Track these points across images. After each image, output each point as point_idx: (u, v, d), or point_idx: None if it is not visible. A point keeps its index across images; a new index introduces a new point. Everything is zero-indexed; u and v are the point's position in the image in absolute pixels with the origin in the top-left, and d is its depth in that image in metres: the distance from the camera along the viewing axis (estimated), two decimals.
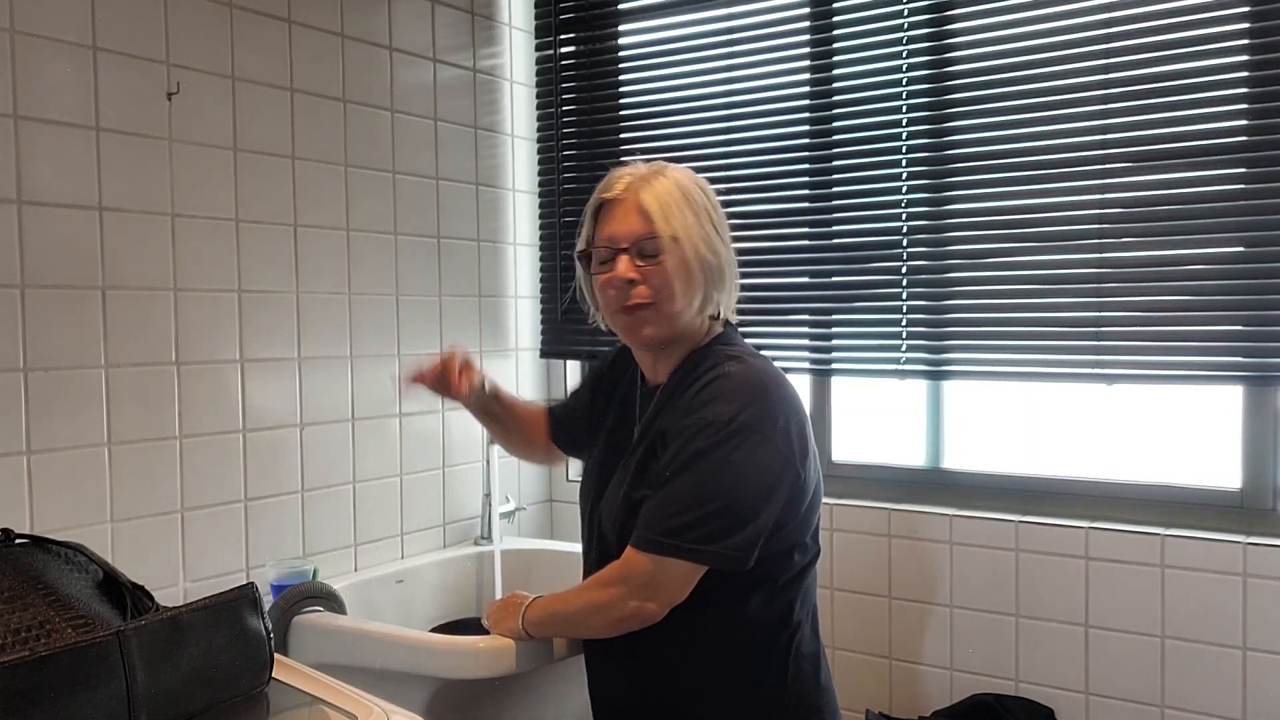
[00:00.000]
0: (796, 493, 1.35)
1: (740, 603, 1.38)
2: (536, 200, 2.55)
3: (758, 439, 1.30)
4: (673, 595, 1.33)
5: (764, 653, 1.40)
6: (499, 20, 2.47)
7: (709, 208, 1.40)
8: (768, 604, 1.39)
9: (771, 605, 1.39)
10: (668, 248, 1.35)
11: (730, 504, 1.29)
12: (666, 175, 1.40)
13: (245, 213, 1.92)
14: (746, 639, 1.40)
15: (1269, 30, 1.73)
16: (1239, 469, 1.84)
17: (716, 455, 1.30)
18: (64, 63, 1.65)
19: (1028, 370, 1.95)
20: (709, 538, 1.29)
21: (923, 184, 2.03)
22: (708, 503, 1.29)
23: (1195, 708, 1.79)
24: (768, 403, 1.32)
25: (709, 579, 1.35)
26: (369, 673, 1.64)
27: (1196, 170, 1.78)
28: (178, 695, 0.98)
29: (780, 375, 1.39)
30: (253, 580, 1.54)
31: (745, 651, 1.40)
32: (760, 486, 1.31)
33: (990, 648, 1.96)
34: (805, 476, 1.36)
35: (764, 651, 1.40)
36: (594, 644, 1.51)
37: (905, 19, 2.04)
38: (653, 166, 1.42)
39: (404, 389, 1.78)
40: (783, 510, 1.34)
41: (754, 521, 1.30)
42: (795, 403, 1.37)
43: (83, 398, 1.68)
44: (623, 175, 1.41)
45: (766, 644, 1.40)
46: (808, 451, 1.37)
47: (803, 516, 1.38)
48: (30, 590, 0.98)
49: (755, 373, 1.36)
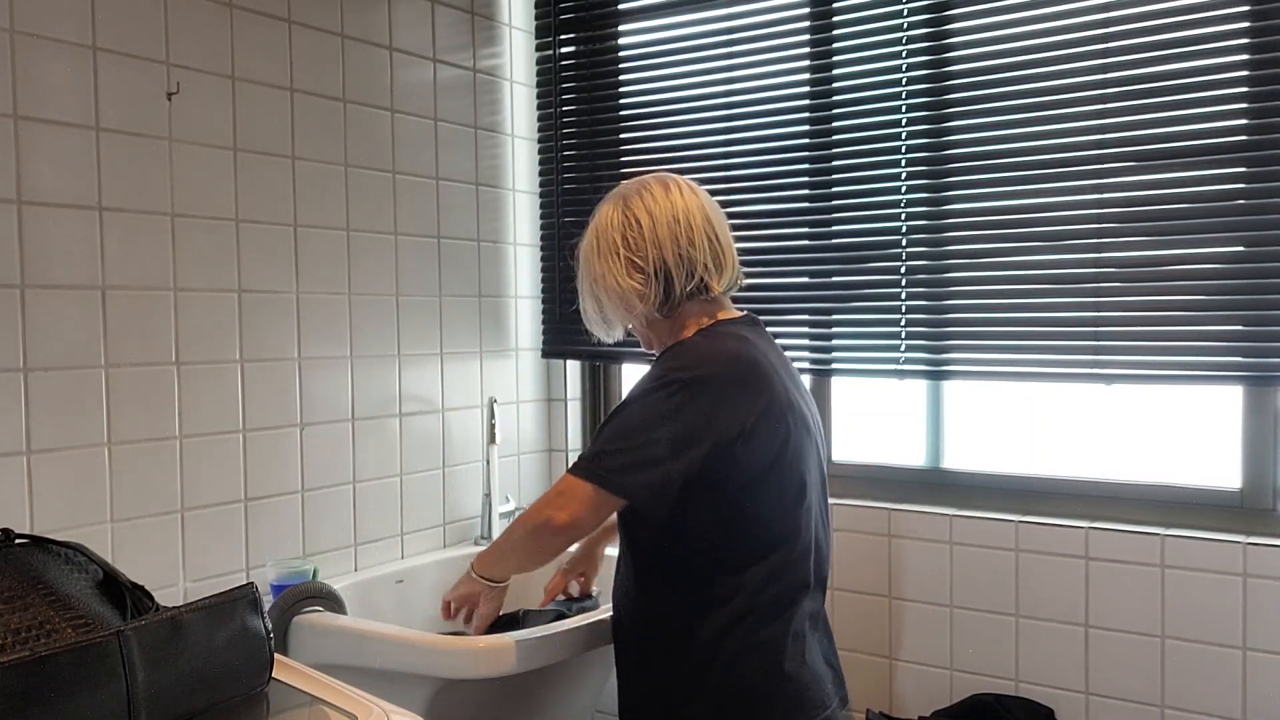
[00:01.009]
0: (724, 463, 1.44)
1: (690, 581, 1.51)
2: (536, 200, 2.55)
3: (683, 396, 1.44)
4: (578, 512, 1.48)
5: (711, 635, 1.49)
6: (499, 20, 2.47)
7: (613, 244, 1.57)
8: (710, 582, 1.49)
9: (717, 583, 1.49)
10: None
11: (642, 444, 1.43)
12: (594, 218, 1.62)
13: (245, 213, 1.92)
14: (689, 616, 1.51)
15: (1269, 30, 1.73)
16: (1239, 469, 1.84)
17: (643, 400, 1.47)
18: (64, 63, 1.65)
19: (1027, 370, 1.96)
20: (620, 469, 1.45)
21: (922, 184, 2.03)
22: (625, 439, 1.45)
23: (1195, 708, 1.79)
24: (708, 371, 1.46)
25: (665, 554, 1.51)
26: (369, 673, 1.64)
27: (1195, 170, 1.78)
28: (178, 695, 0.98)
29: (740, 357, 1.49)
30: (253, 580, 1.54)
31: (683, 628, 1.51)
32: (675, 437, 1.43)
33: (990, 648, 1.96)
34: (734, 450, 1.44)
35: (711, 634, 1.49)
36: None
37: (905, 19, 2.04)
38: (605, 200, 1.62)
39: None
40: (704, 472, 1.44)
41: (660, 466, 1.43)
42: (744, 382, 1.46)
43: (83, 398, 1.68)
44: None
45: (710, 624, 1.49)
46: (744, 431, 1.44)
47: (741, 493, 1.47)
48: (30, 590, 0.98)
49: (707, 346, 1.50)
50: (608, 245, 1.58)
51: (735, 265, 1.63)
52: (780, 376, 1.52)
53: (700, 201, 1.59)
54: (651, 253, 1.55)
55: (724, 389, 1.46)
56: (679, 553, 1.52)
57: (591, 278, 1.61)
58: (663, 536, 1.52)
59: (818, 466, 1.59)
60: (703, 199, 1.60)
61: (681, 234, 1.55)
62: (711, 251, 1.57)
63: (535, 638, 1.66)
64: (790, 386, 1.55)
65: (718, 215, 1.61)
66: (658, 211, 1.56)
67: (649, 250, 1.55)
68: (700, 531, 1.50)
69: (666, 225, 1.55)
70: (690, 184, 1.62)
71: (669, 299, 1.56)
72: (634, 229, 1.56)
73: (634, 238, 1.56)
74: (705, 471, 1.45)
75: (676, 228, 1.55)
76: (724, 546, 1.50)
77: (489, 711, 1.79)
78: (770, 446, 1.48)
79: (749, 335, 1.55)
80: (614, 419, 1.50)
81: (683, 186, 1.60)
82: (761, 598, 1.49)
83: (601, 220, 1.61)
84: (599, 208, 1.63)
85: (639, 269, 1.56)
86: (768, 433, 1.47)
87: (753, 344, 1.53)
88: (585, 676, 1.93)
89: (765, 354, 1.53)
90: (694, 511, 1.48)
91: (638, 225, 1.56)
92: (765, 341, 1.59)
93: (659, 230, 1.55)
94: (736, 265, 1.63)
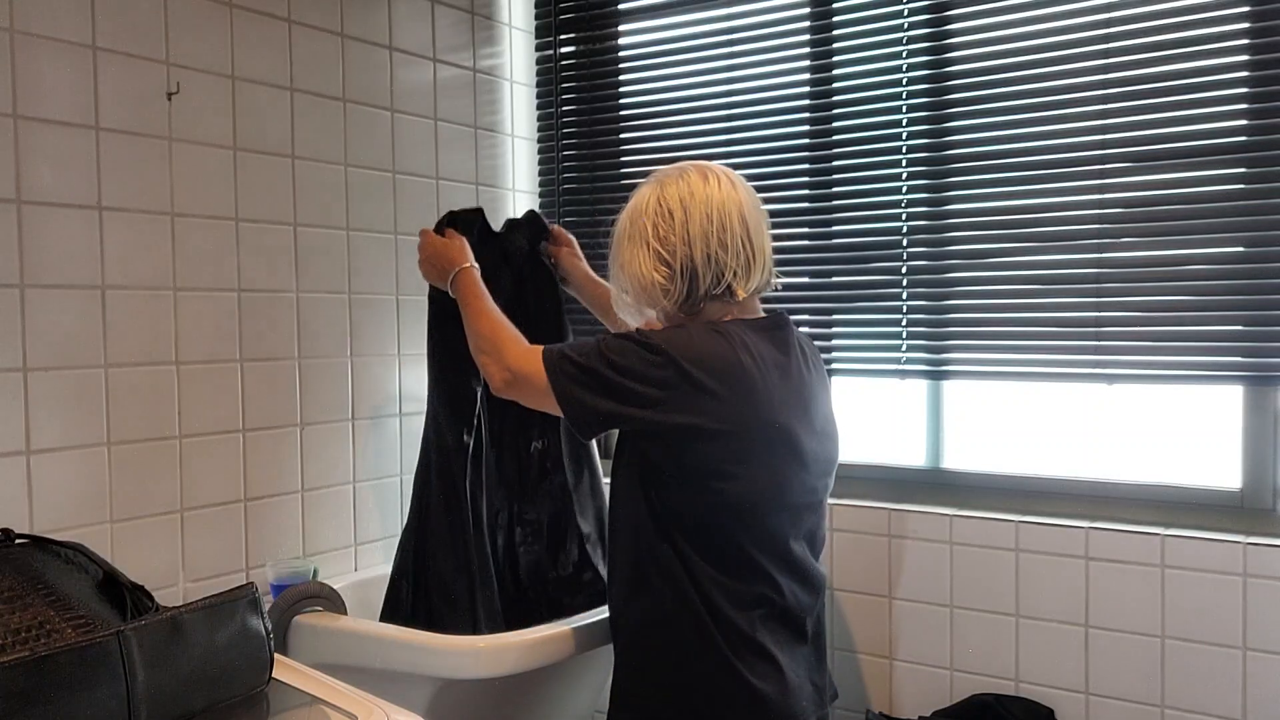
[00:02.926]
0: (674, 453, 1.47)
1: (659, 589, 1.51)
2: (536, 200, 2.55)
3: (657, 362, 1.45)
4: (515, 378, 1.57)
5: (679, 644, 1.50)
6: (499, 20, 2.47)
7: (644, 229, 1.55)
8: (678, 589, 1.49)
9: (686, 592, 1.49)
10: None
11: (598, 372, 1.47)
12: (631, 198, 1.60)
13: (245, 213, 1.92)
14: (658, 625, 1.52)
15: (1269, 30, 1.73)
16: (1239, 469, 1.84)
17: (616, 340, 1.50)
18: (64, 63, 1.65)
19: (1028, 370, 1.95)
20: (569, 377, 1.49)
21: (923, 184, 2.03)
22: (586, 359, 1.49)
23: (1195, 708, 1.79)
24: (692, 358, 1.45)
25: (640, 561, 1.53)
26: (369, 673, 1.64)
27: (1196, 170, 1.78)
28: (178, 695, 0.98)
29: (730, 363, 1.46)
30: (253, 580, 1.54)
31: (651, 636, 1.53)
32: (622, 385, 1.45)
33: (990, 648, 1.96)
34: (690, 445, 1.45)
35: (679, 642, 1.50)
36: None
37: (905, 19, 2.04)
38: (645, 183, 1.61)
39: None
40: (647, 451, 1.49)
41: (599, 400, 1.47)
42: (721, 389, 1.44)
43: (83, 398, 1.68)
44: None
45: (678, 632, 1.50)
46: (699, 430, 1.44)
47: (684, 491, 1.48)
48: (30, 590, 0.98)
49: (704, 340, 1.48)
50: (638, 231, 1.55)
51: (767, 267, 1.58)
52: (768, 391, 1.47)
53: (739, 197, 1.54)
54: (680, 249, 1.51)
55: (697, 386, 1.43)
56: (652, 558, 1.51)
57: (620, 262, 1.59)
58: (640, 539, 1.53)
59: (808, 491, 1.55)
60: (742, 194, 1.55)
61: (714, 234, 1.50)
62: (743, 254, 1.52)
63: (535, 638, 1.67)
64: (784, 403, 1.49)
65: (755, 213, 1.56)
66: (693, 206, 1.51)
67: (678, 246, 1.51)
68: (671, 530, 1.49)
69: (700, 222, 1.50)
70: (731, 175, 1.57)
71: (690, 298, 1.53)
72: (665, 220, 1.52)
73: (665, 230, 1.52)
74: (648, 450, 1.49)
75: (709, 225, 1.50)
76: (691, 552, 1.49)
77: (489, 711, 1.79)
78: (733, 456, 1.45)
79: (752, 342, 1.49)
80: (600, 341, 1.52)
81: (721, 179, 1.54)
82: (723, 608, 1.47)
83: (637, 203, 1.57)
84: (638, 189, 1.59)
85: (666, 263, 1.52)
86: (730, 441, 1.44)
87: (750, 350, 1.47)
88: (585, 676, 1.93)
89: (762, 364, 1.47)
90: (665, 503, 1.49)
91: (670, 217, 1.52)
92: (778, 349, 1.53)
93: (691, 227, 1.51)
94: (769, 267, 1.58)
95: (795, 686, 1.51)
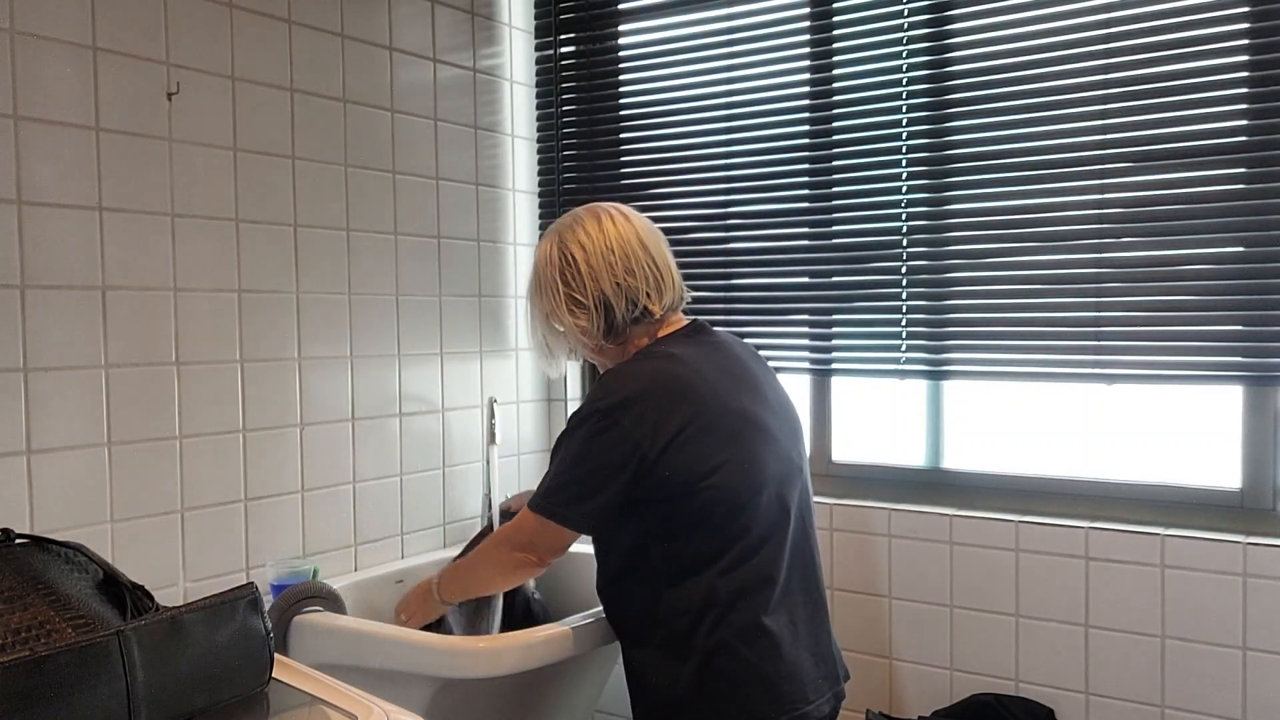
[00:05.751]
0: (656, 474, 1.50)
1: (655, 583, 1.54)
2: (536, 200, 2.55)
3: (605, 422, 1.51)
4: (549, 547, 1.62)
5: (680, 634, 1.53)
6: (499, 20, 2.47)
7: (552, 280, 1.64)
8: (672, 583, 1.53)
9: (680, 585, 1.53)
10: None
11: (582, 477, 1.53)
12: (534, 255, 1.70)
13: (245, 213, 1.92)
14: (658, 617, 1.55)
15: (1269, 30, 1.73)
16: (1239, 469, 1.84)
17: (575, 435, 1.55)
18: (64, 63, 1.65)
19: (1028, 370, 1.96)
20: (566, 503, 1.55)
21: (922, 184, 2.03)
22: (566, 473, 1.55)
23: (1195, 708, 1.79)
24: (626, 394, 1.52)
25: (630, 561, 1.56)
26: (369, 673, 1.65)
27: (1196, 170, 1.78)
28: (178, 695, 0.98)
29: (660, 375, 1.55)
30: (253, 580, 1.54)
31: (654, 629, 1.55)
32: (607, 464, 1.51)
33: (990, 648, 1.96)
34: (666, 460, 1.49)
35: (680, 633, 1.53)
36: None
37: (905, 19, 2.04)
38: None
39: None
40: (641, 486, 1.51)
41: (601, 494, 1.52)
42: (664, 398, 1.51)
43: (83, 398, 1.68)
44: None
45: (678, 623, 1.53)
46: (670, 442, 1.50)
47: (685, 497, 1.50)
48: (30, 590, 0.98)
49: (629, 371, 1.57)
50: (548, 285, 1.66)
51: (677, 284, 1.68)
52: (711, 384, 1.55)
53: (635, 228, 1.65)
54: (590, 286, 1.61)
55: (643, 407, 1.50)
56: (641, 558, 1.56)
57: (540, 316, 1.70)
58: (625, 545, 1.57)
59: (785, 460, 1.61)
60: (636, 225, 1.66)
61: (618, 264, 1.61)
62: (651, 276, 1.63)
63: (535, 638, 1.67)
64: (732, 390, 1.57)
65: (654, 238, 1.67)
66: (591, 246, 1.62)
67: (587, 285, 1.61)
68: (656, 537, 1.54)
69: (602, 255, 1.61)
70: (624, 210, 1.67)
71: (612, 328, 1.63)
72: (570, 266, 1.63)
73: (571, 275, 1.63)
74: (642, 485, 1.51)
75: (612, 258, 1.61)
76: (681, 548, 1.53)
77: (489, 711, 1.80)
78: (708, 451, 1.51)
79: (679, 350, 1.59)
80: (557, 453, 1.59)
81: (614, 216, 1.65)
82: (722, 595, 1.51)
83: (540, 258, 1.68)
84: (538, 246, 1.70)
85: (579, 304, 1.63)
86: (701, 439, 1.50)
87: (678, 359, 1.57)
88: (585, 676, 1.93)
89: (696, 364, 1.57)
90: (647, 520, 1.54)
91: (573, 262, 1.62)
92: (706, 348, 1.62)
93: (594, 263, 1.61)
94: (678, 283, 1.68)
95: (801, 667, 1.55)
